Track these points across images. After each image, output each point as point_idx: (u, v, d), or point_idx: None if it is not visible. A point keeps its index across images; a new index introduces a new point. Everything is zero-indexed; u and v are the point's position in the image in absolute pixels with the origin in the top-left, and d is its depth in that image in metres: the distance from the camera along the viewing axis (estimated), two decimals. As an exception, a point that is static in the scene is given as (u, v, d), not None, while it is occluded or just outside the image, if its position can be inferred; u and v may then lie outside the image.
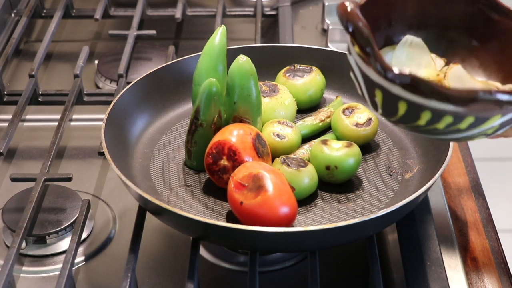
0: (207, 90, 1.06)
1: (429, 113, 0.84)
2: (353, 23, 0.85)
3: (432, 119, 0.84)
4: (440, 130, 0.86)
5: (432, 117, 0.84)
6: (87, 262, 1.09)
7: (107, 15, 1.57)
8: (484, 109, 0.83)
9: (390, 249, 1.08)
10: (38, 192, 1.09)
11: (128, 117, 1.15)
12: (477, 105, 0.82)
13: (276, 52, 1.27)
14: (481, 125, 0.85)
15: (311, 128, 1.17)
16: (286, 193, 0.98)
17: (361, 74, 0.89)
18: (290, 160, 1.06)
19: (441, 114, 0.83)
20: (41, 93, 1.34)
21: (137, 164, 1.12)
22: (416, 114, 0.85)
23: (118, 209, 1.16)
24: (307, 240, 0.95)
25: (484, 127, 0.85)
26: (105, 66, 1.44)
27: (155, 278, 1.06)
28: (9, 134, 1.21)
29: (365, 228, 0.97)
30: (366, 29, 0.84)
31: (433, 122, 0.85)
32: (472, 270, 1.05)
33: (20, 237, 1.02)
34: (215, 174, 1.05)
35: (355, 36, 0.85)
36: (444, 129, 0.85)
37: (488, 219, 1.13)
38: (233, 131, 1.05)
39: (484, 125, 0.85)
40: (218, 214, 1.04)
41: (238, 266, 1.08)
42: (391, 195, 1.07)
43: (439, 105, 0.83)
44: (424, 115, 0.84)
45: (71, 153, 1.28)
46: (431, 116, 0.84)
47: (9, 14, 1.56)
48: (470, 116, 0.83)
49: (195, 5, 1.63)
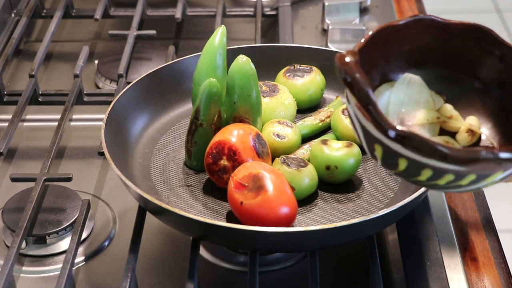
0: (207, 90, 1.06)
1: (430, 171, 0.84)
2: (351, 76, 0.84)
3: (433, 176, 0.85)
4: (441, 186, 0.87)
5: (433, 175, 0.84)
6: (87, 262, 1.09)
7: (107, 15, 1.57)
8: (485, 168, 0.84)
9: (390, 249, 1.08)
10: (38, 192, 1.09)
11: (128, 117, 1.15)
12: (478, 165, 0.82)
13: (276, 52, 1.27)
14: (482, 181, 0.86)
15: (311, 128, 1.17)
16: (286, 193, 0.98)
17: (360, 126, 0.89)
18: (290, 160, 1.06)
19: (442, 172, 0.84)
20: (41, 93, 1.34)
21: (137, 164, 1.12)
22: (417, 171, 0.85)
23: (118, 209, 1.16)
24: (307, 240, 0.95)
25: (485, 183, 0.87)
26: (105, 66, 1.44)
27: (155, 278, 1.06)
28: (9, 134, 1.21)
29: (366, 228, 0.97)
30: (366, 85, 0.84)
31: (434, 179, 0.85)
32: (472, 270, 1.05)
33: (20, 237, 1.02)
34: (215, 174, 1.05)
35: (353, 90, 0.85)
36: (445, 185, 0.86)
37: (488, 219, 1.13)
38: (233, 131, 1.05)
39: (485, 181, 0.86)
40: (218, 214, 1.04)
41: (238, 266, 1.08)
42: (391, 195, 1.07)
43: (440, 164, 0.83)
44: (425, 172, 0.85)
45: (71, 153, 1.28)
46: (432, 174, 0.84)
47: (9, 14, 1.56)
48: (472, 174, 0.84)
49: (195, 5, 1.63)
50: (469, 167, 0.83)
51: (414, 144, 0.82)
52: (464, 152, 0.82)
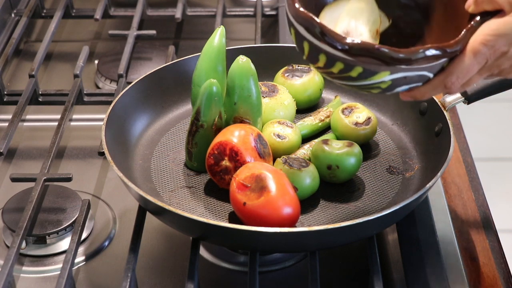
0: (207, 91, 1.06)
1: (324, 56, 0.91)
2: None
3: (327, 63, 0.92)
4: (335, 75, 0.93)
5: (327, 61, 0.91)
6: (87, 262, 1.09)
7: (107, 15, 1.57)
8: (367, 62, 0.90)
9: (390, 249, 1.08)
10: (38, 192, 1.09)
11: (128, 117, 1.15)
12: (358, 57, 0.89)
13: (276, 52, 1.27)
14: (370, 77, 0.91)
15: (311, 128, 1.17)
16: (289, 194, 0.98)
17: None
18: (291, 160, 1.06)
19: (334, 59, 0.91)
20: (41, 93, 1.34)
21: (137, 166, 1.11)
22: (316, 56, 0.92)
23: (118, 209, 1.16)
24: (310, 240, 0.95)
25: (375, 80, 0.91)
26: (105, 66, 1.44)
27: (155, 278, 1.06)
28: (9, 134, 1.21)
29: (368, 228, 0.97)
30: None
31: (328, 66, 0.92)
32: (472, 270, 1.05)
33: (20, 237, 1.02)
34: (216, 175, 1.05)
35: None
36: (338, 74, 0.92)
37: (488, 219, 1.13)
38: (234, 131, 1.05)
39: (374, 78, 0.91)
40: (220, 215, 1.04)
41: (238, 266, 1.08)
42: (393, 194, 1.07)
43: (330, 49, 0.90)
44: (321, 58, 0.92)
45: (71, 153, 1.28)
46: (326, 60, 0.91)
47: (9, 14, 1.56)
48: (358, 66, 0.90)
49: (195, 5, 1.63)
50: (352, 56, 0.89)
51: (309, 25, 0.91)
52: (343, 37, 0.89)
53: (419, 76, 0.92)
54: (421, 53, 0.89)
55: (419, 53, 0.89)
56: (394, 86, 0.93)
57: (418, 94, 0.94)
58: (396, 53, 0.89)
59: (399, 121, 1.19)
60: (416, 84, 0.93)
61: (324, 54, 0.91)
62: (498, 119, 2.93)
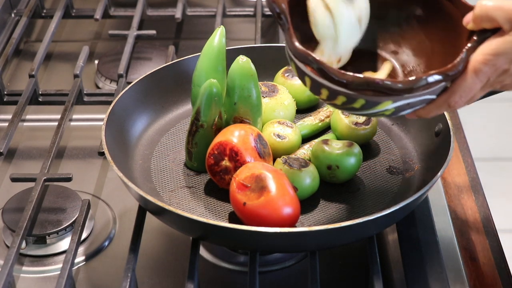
0: (207, 91, 1.06)
1: (326, 91, 0.93)
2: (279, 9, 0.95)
3: (330, 96, 0.93)
4: (339, 106, 0.95)
5: (329, 95, 0.93)
6: (87, 262, 1.09)
7: (107, 15, 1.57)
8: (368, 95, 0.91)
9: (390, 249, 1.08)
10: (38, 192, 1.09)
11: (128, 117, 1.15)
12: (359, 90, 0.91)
13: (276, 52, 1.27)
14: (373, 107, 0.93)
15: (310, 128, 1.17)
16: (289, 194, 0.98)
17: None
18: (291, 160, 1.06)
19: (336, 93, 0.92)
20: (41, 93, 1.34)
21: (137, 166, 1.11)
22: (318, 89, 0.94)
23: (118, 209, 1.16)
24: (310, 240, 0.95)
25: (379, 109, 0.93)
26: (105, 66, 1.44)
27: (155, 278, 1.06)
28: (9, 134, 1.21)
29: (368, 228, 0.97)
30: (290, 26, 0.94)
31: (331, 99, 0.94)
32: (472, 270, 1.05)
33: (20, 237, 1.02)
34: (216, 175, 1.05)
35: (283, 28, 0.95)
36: (342, 106, 0.94)
37: (488, 219, 1.13)
38: (234, 131, 1.05)
39: (377, 108, 0.93)
40: (220, 215, 1.04)
41: (238, 266, 1.08)
42: (393, 194, 1.07)
43: (330, 85, 0.92)
44: (324, 92, 0.93)
45: (71, 153, 1.28)
46: (329, 94, 0.93)
47: (9, 14, 1.56)
48: (360, 98, 0.92)
49: (195, 5, 1.63)
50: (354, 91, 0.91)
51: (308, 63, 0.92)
52: (344, 75, 0.90)
53: (422, 100, 0.93)
54: (422, 81, 0.90)
55: (420, 81, 0.90)
56: (398, 111, 0.94)
57: (423, 113, 0.96)
58: (396, 84, 0.90)
59: (399, 121, 1.19)
60: (420, 106, 0.94)
61: (326, 89, 0.93)
62: (498, 119, 2.93)
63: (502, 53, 0.89)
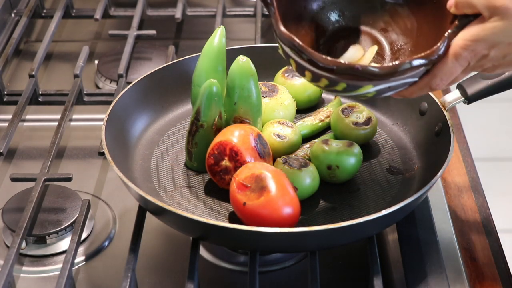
0: (207, 91, 1.06)
1: (310, 74, 0.95)
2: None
3: (313, 78, 0.96)
4: (323, 88, 0.97)
5: (313, 77, 0.95)
6: (87, 262, 1.09)
7: (107, 15, 1.57)
8: (348, 79, 0.93)
9: (390, 249, 1.08)
10: (38, 192, 1.09)
11: (128, 117, 1.15)
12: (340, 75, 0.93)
13: (276, 52, 1.26)
14: (355, 90, 0.95)
15: (310, 128, 1.17)
16: (289, 194, 0.98)
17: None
18: (291, 160, 1.06)
19: (319, 76, 0.95)
20: (41, 93, 1.34)
21: (137, 166, 1.12)
22: (303, 71, 0.97)
23: (118, 209, 1.16)
24: (310, 240, 0.95)
25: (360, 92, 0.95)
26: (105, 66, 1.44)
27: (155, 278, 1.06)
28: (9, 134, 1.21)
29: (368, 228, 0.97)
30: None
31: (315, 80, 0.96)
32: (472, 270, 1.05)
33: (20, 237, 1.02)
34: (216, 175, 1.05)
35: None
36: (325, 88, 0.97)
37: (488, 219, 1.13)
38: (234, 131, 1.05)
39: (358, 91, 0.95)
40: (220, 215, 1.04)
41: (238, 266, 1.08)
42: (393, 194, 1.07)
43: (313, 69, 0.94)
44: (308, 74, 0.96)
45: (71, 153, 1.28)
46: (312, 76, 0.95)
47: (9, 14, 1.56)
48: (342, 82, 0.94)
49: (195, 5, 1.63)
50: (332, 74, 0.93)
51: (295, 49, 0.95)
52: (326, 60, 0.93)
53: (404, 83, 0.95)
54: (402, 66, 0.92)
55: (399, 67, 0.92)
56: (380, 94, 0.96)
57: (406, 94, 0.98)
58: (374, 69, 0.92)
59: (399, 121, 1.19)
60: (402, 88, 0.96)
61: (309, 72, 0.95)
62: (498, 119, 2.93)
63: (481, 39, 0.90)
